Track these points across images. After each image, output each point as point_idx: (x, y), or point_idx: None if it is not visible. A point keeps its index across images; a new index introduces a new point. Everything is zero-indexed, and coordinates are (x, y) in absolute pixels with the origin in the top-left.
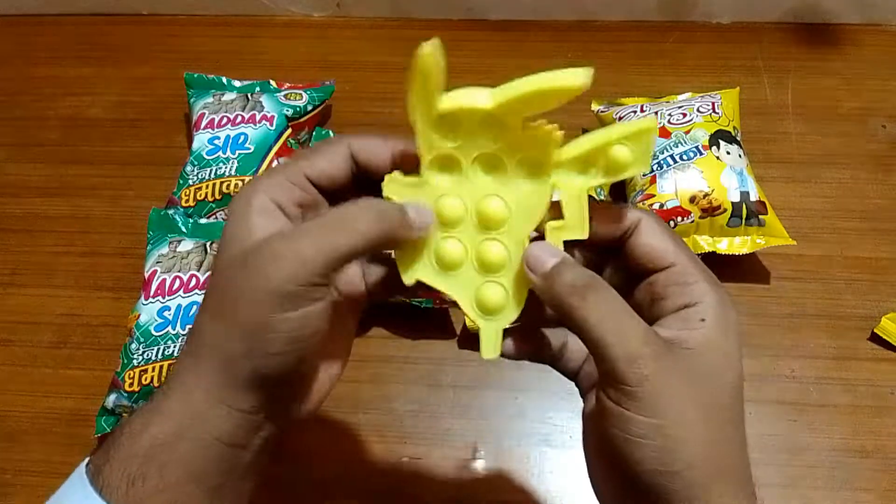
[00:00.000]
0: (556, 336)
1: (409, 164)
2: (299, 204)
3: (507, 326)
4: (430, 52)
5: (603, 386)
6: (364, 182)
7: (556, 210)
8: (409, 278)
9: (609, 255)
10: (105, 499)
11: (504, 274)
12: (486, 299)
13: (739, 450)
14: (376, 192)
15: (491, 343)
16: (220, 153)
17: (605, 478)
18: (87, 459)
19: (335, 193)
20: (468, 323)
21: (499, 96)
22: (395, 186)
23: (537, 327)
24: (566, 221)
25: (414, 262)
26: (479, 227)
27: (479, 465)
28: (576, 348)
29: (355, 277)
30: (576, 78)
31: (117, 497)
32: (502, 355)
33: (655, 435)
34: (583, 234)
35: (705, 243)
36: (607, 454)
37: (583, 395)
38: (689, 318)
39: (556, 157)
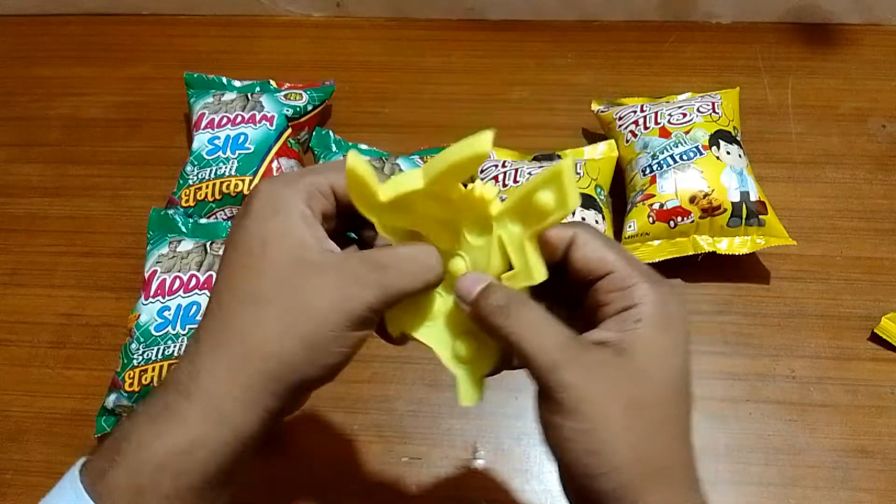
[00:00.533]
0: None
1: None
2: (323, 214)
3: (485, 374)
4: (354, 162)
5: (537, 396)
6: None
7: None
8: (394, 330)
9: (557, 273)
10: None
11: (473, 326)
12: (459, 350)
13: (678, 448)
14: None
15: (468, 390)
16: (220, 153)
17: (562, 481)
18: (79, 463)
19: (347, 208)
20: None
21: (427, 174)
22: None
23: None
24: (515, 270)
25: (399, 312)
26: (451, 280)
27: (479, 465)
28: None
29: None
30: (480, 145)
31: None
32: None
33: (581, 439)
34: (531, 279)
35: (705, 243)
36: (555, 460)
37: None
38: (625, 319)
39: (493, 213)
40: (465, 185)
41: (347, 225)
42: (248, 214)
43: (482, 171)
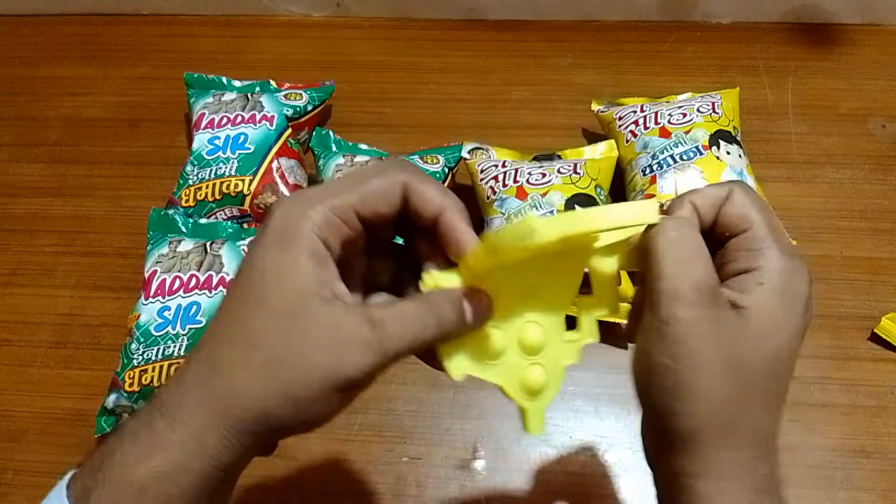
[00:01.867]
0: None
1: (452, 248)
2: (343, 241)
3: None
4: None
5: (646, 307)
6: (404, 218)
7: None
8: (457, 374)
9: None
10: None
11: (544, 354)
12: (530, 382)
13: (764, 418)
14: (415, 231)
15: (536, 421)
16: (220, 153)
17: (638, 405)
18: (67, 477)
19: (375, 227)
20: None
21: (562, 231)
22: (432, 282)
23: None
24: (598, 300)
25: (456, 353)
26: (518, 312)
27: (479, 465)
28: None
29: None
30: (649, 216)
31: None
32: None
33: (670, 374)
34: (613, 313)
35: None
36: (636, 384)
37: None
38: (748, 280)
39: (593, 248)
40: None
41: (380, 239)
42: (260, 241)
43: (482, 171)
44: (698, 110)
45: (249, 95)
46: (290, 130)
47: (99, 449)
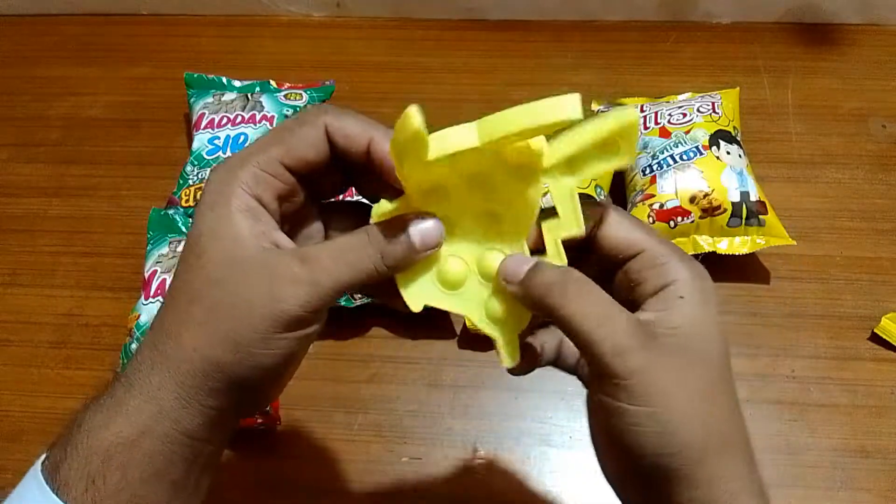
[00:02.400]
0: (552, 337)
1: (388, 173)
2: (278, 196)
3: (522, 331)
4: (416, 116)
5: (596, 380)
6: (342, 161)
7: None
8: (416, 305)
9: (580, 252)
10: (62, 499)
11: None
12: (495, 310)
13: (736, 420)
14: (355, 172)
15: (509, 350)
16: (220, 153)
17: (612, 462)
18: (42, 456)
19: (312, 176)
20: (469, 325)
21: (485, 133)
22: (384, 216)
23: (527, 335)
24: (561, 220)
25: (415, 285)
26: (477, 239)
27: (479, 465)
28: (571, 344)
29: None
30: (569, 111)
31: (75, 496)
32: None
33: (651, 422)
34: (579, 230)
35: (705, 243)
36: (611, 442)
37: (585, 386)
38: (668, 297)
39: (545, 165)
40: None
41: (323, 190)
42: (197, 209)
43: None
44: (698, 110)
45: (249, 95)
46: None
47: (65, 425)
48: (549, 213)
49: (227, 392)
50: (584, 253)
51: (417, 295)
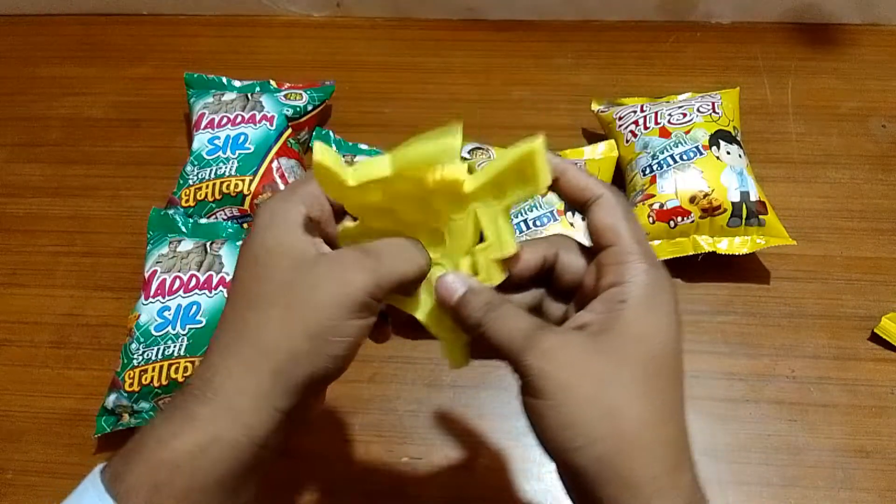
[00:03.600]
0: None
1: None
2: (321, 219)
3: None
4: (321, 152)
5: (519, 385)
6: None
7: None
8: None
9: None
10: None
11: None
12: (442, 318)
13: (661, 426)
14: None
15: (455, 355)
16: (220, 153)
17: (557, 467)
18: (101, 465)
19: (340, 210)
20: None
21: (394, 164)
22: (349, 236)
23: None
24: (488, 242)
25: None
26: (429, 252)
27: (479, 465)
28: None
29: None
30: (449, 142)
31: (136, 502)
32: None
33: (551, 414)
34: (503, 252)
35: (705, 243)
36: (539, 443)
37: None
38: (611, 300)
39: (467, 191)
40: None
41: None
42: (252, 231)
43: (480, 165)
44: (698, 110)
45: (249, 95)
46: (290, 130)
47: (132, 439)
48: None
49: (297, 391)
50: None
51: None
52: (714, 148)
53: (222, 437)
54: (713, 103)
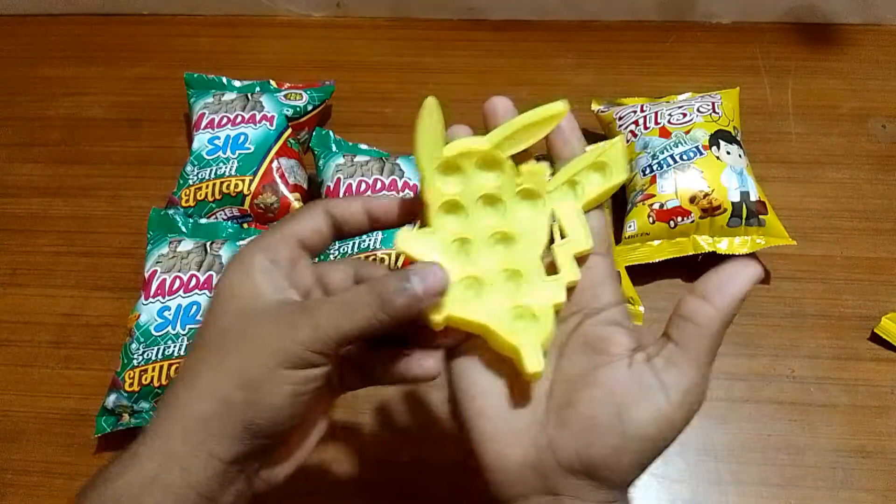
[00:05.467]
0: None
1: (403, 215)
2: (291, 259)
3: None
4: (435, 105)
5: None
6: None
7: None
8: (438, 316)
9: None
10: None
11: (527, 296)
12: (517, 322)
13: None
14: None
15: (534, 357)
16: (220, 153)
17: None
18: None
19: (318, 249)
20: (503, 344)
21: (494, 137)
22: (406, 240)
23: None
24: (570, 238)
25: (441, 304)
26: (495, 258)
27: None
28: None
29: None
30: (556, 107)
31: None
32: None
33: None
34: (588, 245)
35: (705, 243)
36: None
37: None
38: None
39: (548, 186)
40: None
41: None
42: (220, 277)
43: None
44: (698, 110)
45: (249, 95)
46: (290, 130)
47: (94, 475)
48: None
49: (237, 441)
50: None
51: (439, 308)
52: (714, 148)
53: (160, 480)
54: (713, 103)
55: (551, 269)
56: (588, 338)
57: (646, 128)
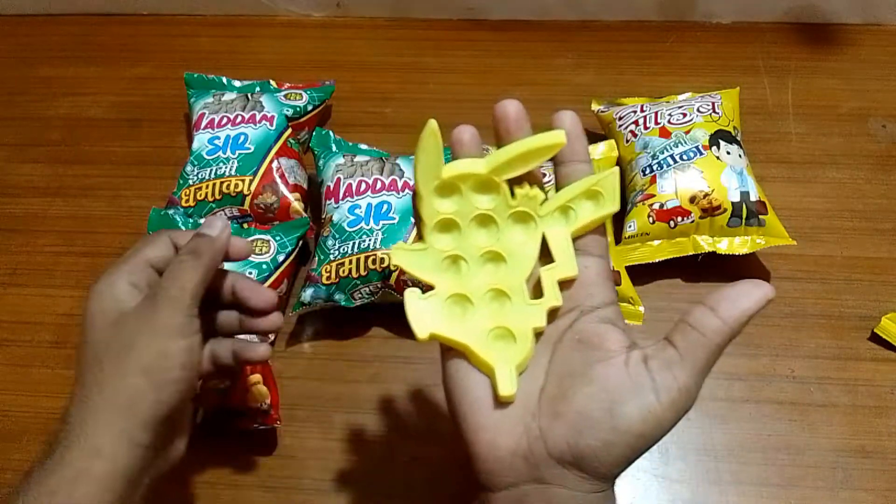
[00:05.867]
0: None
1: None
2: (148, 284)
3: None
4: (435, 130)
5: None
6: None
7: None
8: (422, 333)
9: None
10: None
11: (509, 317)
12: (496, 343)
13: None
14: None
15: (507, 380)
16: (220, 153)
17: None
18: None
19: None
20: (478, 362)
21: (491, 162)
22: (401, 254)
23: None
24: (557, 263)
25: (423, 315)
26: (484, 277)
27: None
28: None
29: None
30: (555, 136)
31: None
32: None
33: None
34: (573, 272)
35: (705, 243)
36: None
37: None
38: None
39: (541, 211)
40: (512, 191)
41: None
42: (89, 298)
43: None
44: (698, 110)
45: (249, 95)
46: (290, 130)
47: (14, 487)
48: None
49: (150, 425)
50: None
51: (424, 325)
52: (714, 148)
53: (89, 472)
54: (713, 103)
55: (538, 291)
56: (583, 334)
57: (646, 128)
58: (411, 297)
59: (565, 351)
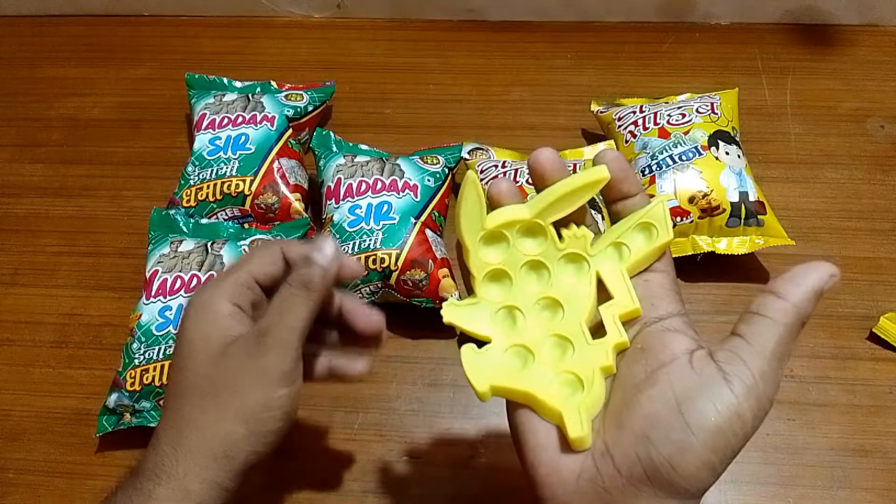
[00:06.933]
0: None
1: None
2: (252, 304)
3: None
4: (475, 180)
5: None
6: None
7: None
8: (482, 387)
9: None
10: None
11: (572, 361)
12: (563, 389)
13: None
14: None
15: (576, 422)
16: (221, 153)
17: None
18: None
19: (272, 288)
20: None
21: (536, 205)
22: (453, 310)
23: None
24: (616, 300)
25: (481, 369)
26: (541, 325)
27: (479, 464)
28: None
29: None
30: (599, 172)
31: None
32: None
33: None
34: (633, 306)
35: (704, 243)
36: None
37: None
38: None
39: (591, 251)
40: (559, 234)
41: None
42: (182, 324)
43: (482, 172)
44: (697, 111)
45: (250, 96)
46: (290, 131)
47: None
48: (603, 296)
49: (244, 470)
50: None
51: (484, 380)
52: (713, 148)
53: None
54: (712, 104)
55: (602, 332)
56: (646, 344)
57: (645, 128)
58: (468, 353)
59: (628, 363)
